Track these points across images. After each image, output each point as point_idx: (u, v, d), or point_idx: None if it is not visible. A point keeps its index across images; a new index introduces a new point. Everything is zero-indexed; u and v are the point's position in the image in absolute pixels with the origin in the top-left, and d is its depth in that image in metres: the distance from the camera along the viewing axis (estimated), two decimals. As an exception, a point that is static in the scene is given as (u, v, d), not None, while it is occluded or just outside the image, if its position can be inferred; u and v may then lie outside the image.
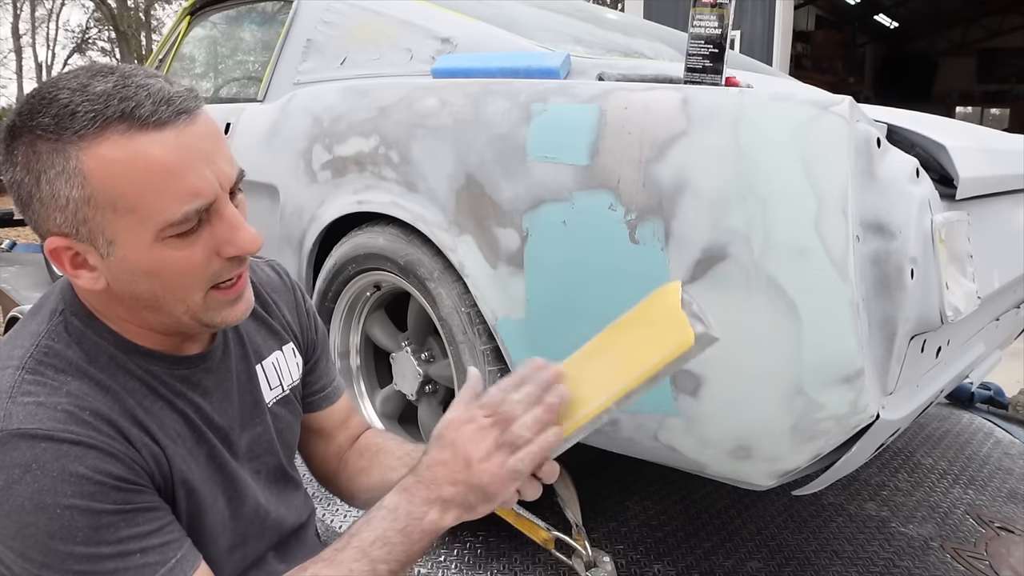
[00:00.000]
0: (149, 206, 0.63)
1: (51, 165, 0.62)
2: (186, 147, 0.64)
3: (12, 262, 4.33)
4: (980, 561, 1.58)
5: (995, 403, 2.52)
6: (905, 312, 0.99)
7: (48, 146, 0.62)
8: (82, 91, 0.62)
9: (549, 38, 1.58)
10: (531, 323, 1.24)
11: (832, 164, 0.94)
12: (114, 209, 0.63)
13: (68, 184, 0.62)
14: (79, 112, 0.61)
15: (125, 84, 0.62)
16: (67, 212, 0.63)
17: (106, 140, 0.61)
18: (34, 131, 0.62)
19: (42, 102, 0.62)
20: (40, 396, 0.64)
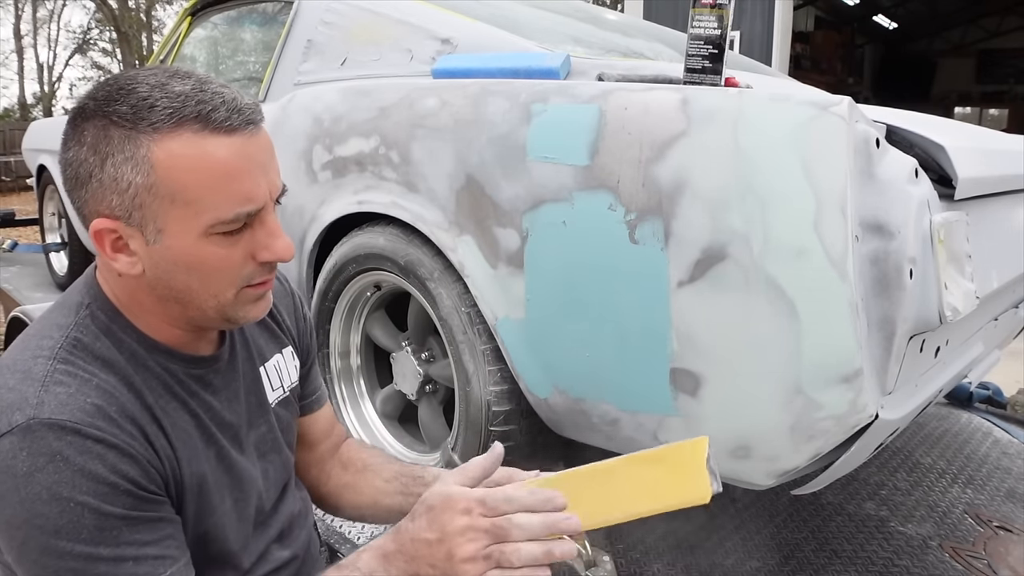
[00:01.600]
0: (205, 202, 0.67)
1: (120, 150, 0.65)
2: (248, 155, 0.69)
3: (13, 262, 4.33)
4: (979, 560, 1.58)
5: (994, 403, 2.52)
6: (904, 312, 1.00)
7: (121, 132, 0.65)
8: (161, 88, 0.66)
9: (549, 38, 1.59)
10: (531, 323, 1.25)
11: (831, 164, 0.94)
12: (172, 200, 0.66)
13: (134, 170, 0.65)
14: (157, 106, 0.65)
15: (202, 88, 0.67)
16: (125, 196, 0.66)
17: (179, 136, 0.65)
18: (109, 116, 0.65)
19: (120, 91, 0.66)
20: (71, 387, 0.66)
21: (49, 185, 3.62)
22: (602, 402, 1.20)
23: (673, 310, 1.06)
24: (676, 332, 1.07)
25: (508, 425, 1.36)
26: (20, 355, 0.69)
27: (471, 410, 1.38)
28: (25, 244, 4.17)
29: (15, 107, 24.46)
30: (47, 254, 3.81)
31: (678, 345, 1.07)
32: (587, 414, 1.23)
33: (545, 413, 1.32)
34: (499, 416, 1.35)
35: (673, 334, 1.07)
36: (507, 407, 1.35)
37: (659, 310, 1.07)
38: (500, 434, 1.36)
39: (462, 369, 1.38)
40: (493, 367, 1.35)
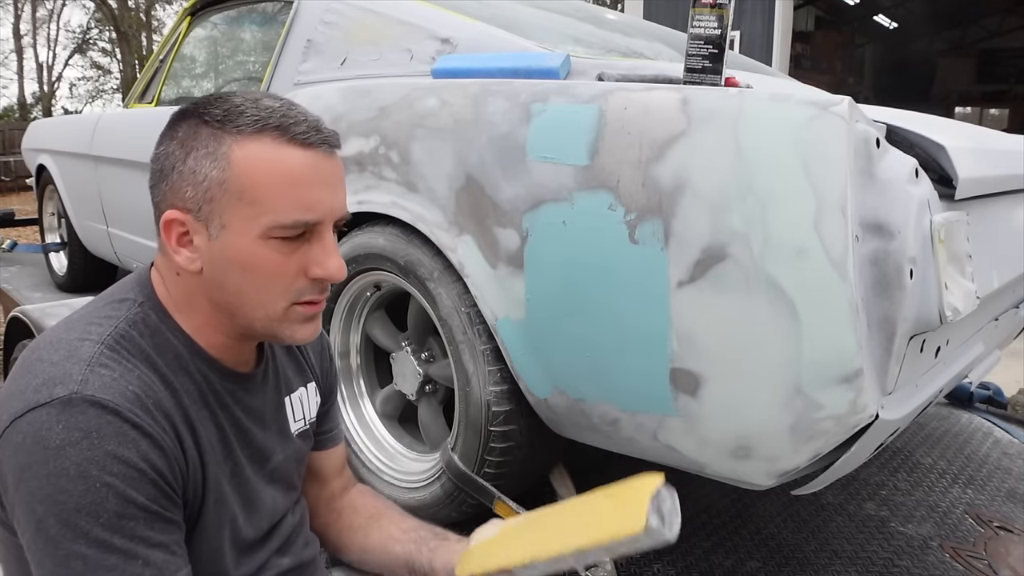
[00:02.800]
0: (268, 204, 0.71)
1: (204, 145, 0.71)
2: (318, 170, 0.73)
3: (12, 262, 4.34)
4: (979, 560, 1.58)
5: (994, 403, 2.52)
6: (904, 312, 1.00)
7: (209, 131, 0.71)
8: (254, 102, 0.72)
9: (549, 38, 1.58)
10: (531, 323, 1.25)
11: (831, 164, 0.94)
12: (239, 197, 0.71)
13: (211, 164, 0.71)
14: (246, 113, 0.71)
15: (290, 107, 0.73)
16: (199, 188, 0.71)
17: (259, 141, 0.71)
18: (202, 116, 0.72)
19: (217, 100, 0.73)
20: (115, 372, 0.69)
21: (49, 185, 3.62)
22: (602, 402, 1.20)
23: (673, 310, 1.06)
24: (676, 332, 1.07)
25: (508, 425, 1.36)
26: (65, 335, 0.71)
27: (471, 410, 1.38)
28: (25, 244, 4.17)
29: (14, 107, 24.46)
30: (47, 254, 3.81)
31: (678, 345, 1.07)
32: (587, 414, 1.23)
33: (545, 413, 1.32)
34: (499, 416, 1.35)
35: (673, 334, 1.07)
36: (507, 407, 1.35)
37: (659, 310, 1.07)
38: (500, 434, 1.36)
39: (462, 369, 1.38)
40: (493, 367, 1.35)
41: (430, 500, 1.52)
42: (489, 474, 1.40)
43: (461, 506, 1.48)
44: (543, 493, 1.50)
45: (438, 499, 1.50)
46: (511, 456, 1.39)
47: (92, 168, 2.87)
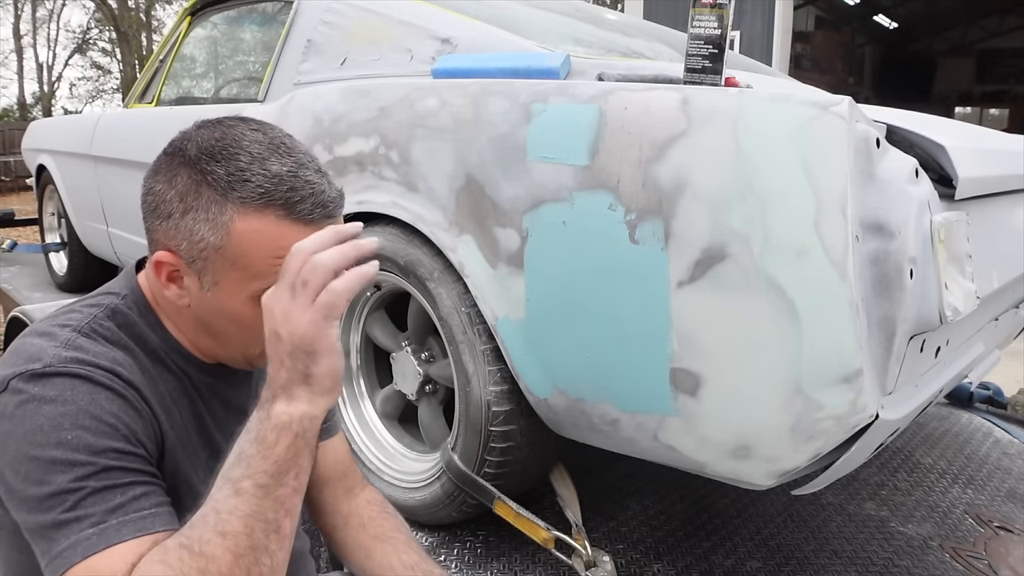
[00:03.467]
0: (261, 272, 0.72)
1: (205, 209, 0.71)
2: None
3: (12, 262, 4.34)
4: (979, 560, 1.58)
5: (994, 403, 2.52)
6: (904, 312, 1.00)
7: (211, 194, 0.71)
8: (261, 163, 0.71)
9: (549, 38, 1.58)
10: (531, 323, 1.25)
11: (831, 164, 0.94)
12: (234, 264, 0.72)
13: (211, 231, 0.71)
14: (252, 182, 0.70)
15: (297, 174, 0.72)
16: (195, 246, 0.72)
17: (262, 217, 0.71)
18: (205, 175, 0.71)
19: (222, 152, 0.71)
20: (88, 354, 0.71)
21: (48, 185, 3.62)
22: (602, 402, 1.20)
23: (673, 310, 1.06)
24: (676, 332, 1.07)
25: (508, 425, 1.36)
26: (47, 324, 0.75)
27: (471, 410, 1.38)
28: (25, 244, 4.17)
29: (14, 107, 24.46)
30: (46, 254, 3.81)
31: (678, 345, 1.07)
32: (587, 414, 1.23)
33: (545, 413, 1.32)
34: (499, 416, 1.35)
35: (673, 334, 1.07)
36: (507, 407, 1.35)
37: (659, 310, 1.07)
38: (500, 434, 1.36)
39: (462, 369, 1.38)
40: (493, 367, 1.35)
41: (430, 500, 1.52)
42: (489, 474, 1.40)
43: (461, 506, 1.48)
44: (543, 493, 1.50)
45: (438, 499, 1.50)
46: (511, 456, 1.39)
47: (92, 168, 2.87)
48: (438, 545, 1.55)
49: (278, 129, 0.76)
